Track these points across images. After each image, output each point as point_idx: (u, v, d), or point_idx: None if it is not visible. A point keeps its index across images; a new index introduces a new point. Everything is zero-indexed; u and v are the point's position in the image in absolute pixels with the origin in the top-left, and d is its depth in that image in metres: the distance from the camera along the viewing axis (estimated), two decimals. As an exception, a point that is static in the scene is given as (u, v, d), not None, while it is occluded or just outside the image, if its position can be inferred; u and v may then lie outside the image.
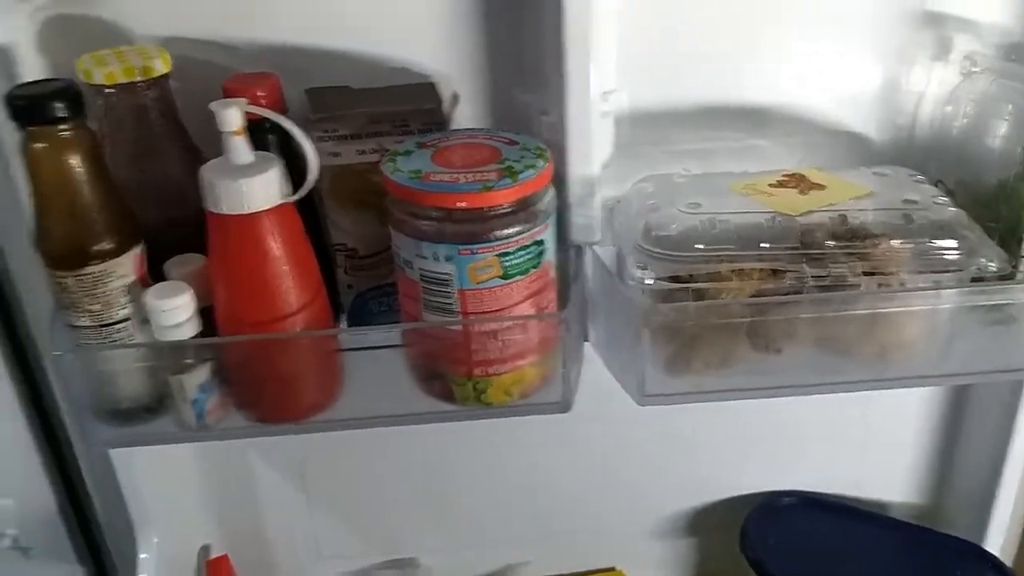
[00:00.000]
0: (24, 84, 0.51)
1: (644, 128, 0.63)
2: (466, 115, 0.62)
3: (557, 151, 0.57)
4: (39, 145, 0.49)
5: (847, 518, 0.84)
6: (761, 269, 0.57)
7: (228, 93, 0.55)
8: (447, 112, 0.58)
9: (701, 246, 0.55)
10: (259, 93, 0.55)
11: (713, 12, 0.61)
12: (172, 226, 0.58)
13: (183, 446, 0.73)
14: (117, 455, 0.66)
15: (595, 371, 0.62)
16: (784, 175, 0.62)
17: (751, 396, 0.62)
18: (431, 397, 0.58)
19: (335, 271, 0.62)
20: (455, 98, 0.58)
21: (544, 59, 0.57)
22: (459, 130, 0.58)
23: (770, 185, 0.61)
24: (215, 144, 0.58)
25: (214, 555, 0.77)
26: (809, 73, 0.64)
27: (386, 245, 0.61)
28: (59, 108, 0.49)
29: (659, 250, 0.55)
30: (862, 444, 0.84)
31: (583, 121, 0.56)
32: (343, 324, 0.63)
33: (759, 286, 0.57)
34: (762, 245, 0.55)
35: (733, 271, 0.56)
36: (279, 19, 0.59)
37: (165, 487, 0.72)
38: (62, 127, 0.49)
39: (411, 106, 0.58)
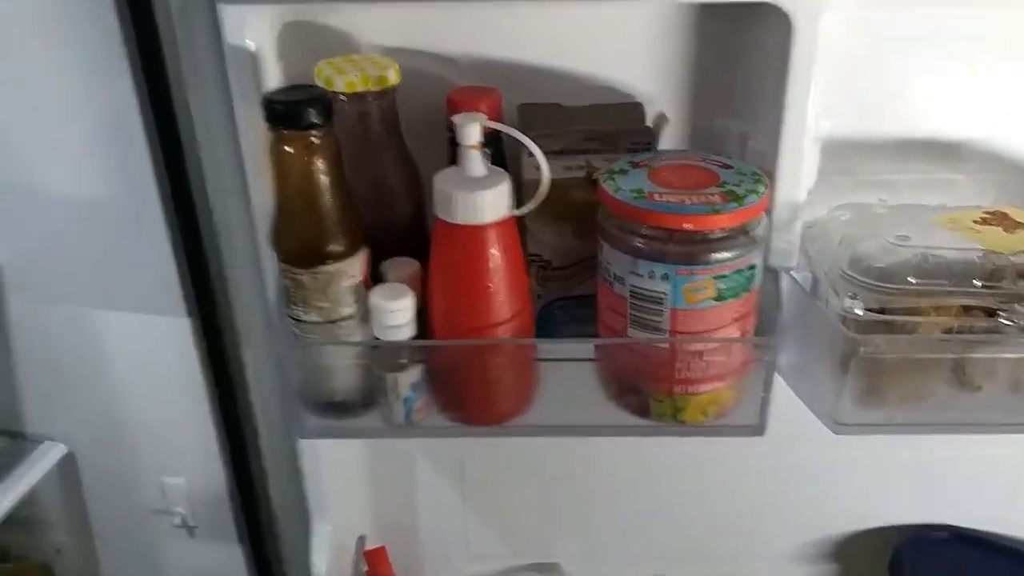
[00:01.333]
0: (278, 90, 0.53)
1: (838, 156, 0.64)
2: (663, 136, 0.63)
3: (766, 176, 0.57)
4: (290, 148, 0.52)
5: (999, 555, 0.82)
6: (962, 305, 0.57)
7: (454, 105, 0.57)
8: (657, 132, 0.59)
9: (913, 280, 0.55)
10: (483, 107, 0.57)
11: (920, 45, 0.61)
12: (383, 229, 0.60)
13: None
14: (304, 444, 0.69)
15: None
16: (986, 212, 0.62)
17: (941, 431, 0.62)
18: (625, 411, 0.60)
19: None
20: (664, 119, 0.59)
21: (756, 85, 0.58)
22: (669, 151, 0.59)
23: (974, 221, 0.60)
24: (425, 151, 0.61)
25: (370, 546, 0.80)
26: (1012, 109, 0.64)
27: (579, 258, 0.63)
28: (313, 115, 0.51)
29: (869, 281, 0.56)
30: (1014, 482, 0.82)
31: (796, 147, 0.57)
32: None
33: (957, 322, 0.57)
34: (975, 283, 0.55)
35: (932, 306, 0.57)
36: (497, 35, 0.61)
37: (339, 478, 0.75)
38: (313, 133, 0.52)
39: (623, 126, 0.59)
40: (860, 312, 0.56)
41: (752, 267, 0.55)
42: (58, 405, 0.77)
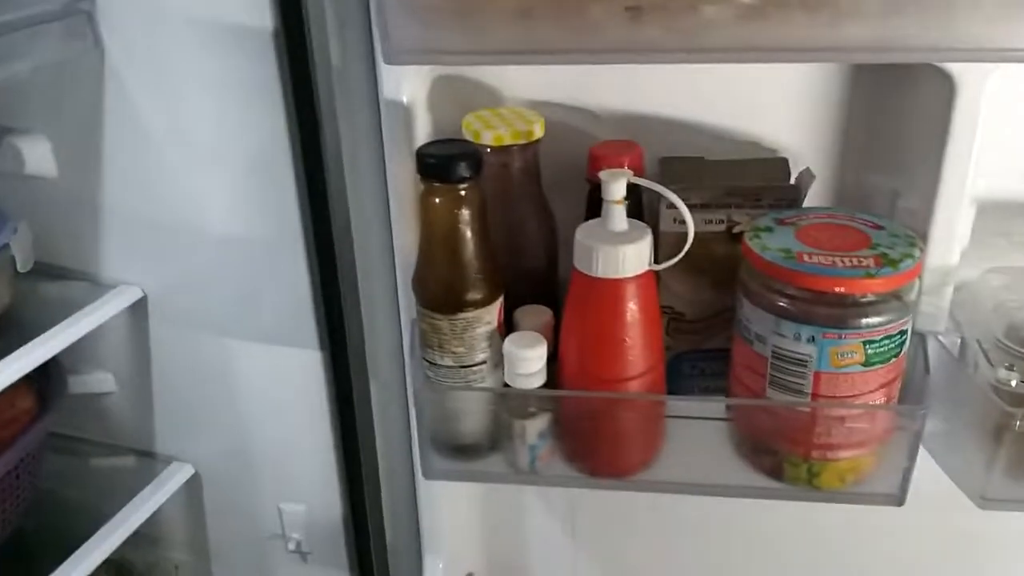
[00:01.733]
0: (433, 143, 0.55)
1: (994, 217, 0.61)
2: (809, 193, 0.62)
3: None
4: (439, 200, 0.54)
5: None
6: None
7: (595, 160, 0.58)
8: (803, 189, 0.58)
9: (1078, 353, 0.52)
10: (624, 162, 0.57)
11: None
12: (518, 277, 0.61)
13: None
14: (422, 481, 0.70)
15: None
16: None
17: (1096, 512, 0.58)
18: (757, 471, 0.58)
19: (657, 332, 0.63)
20: (810, 175, 0.58)
21: (909, 141, 0.57)
22: (816, 208, 0.58)
23: None
24: (563, 203, 0.61)
25: (478, 584, 0.80)
26: None
27: (713, 311, 0.62)
28: (463, 168, 0.53)
29: (1028, 352, 0.53)
30: None
31: (953, 209, 0.55)
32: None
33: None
34: None
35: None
36: (641, 87, 0.61)
37: (452, 514, 0.75)
38: (462, 186, 0.53)
39: (767, 180, 0.59)
40: (1015, 383, 0.53)
41: (903, 332, 0.53)
42: (189, 428, 0.81)
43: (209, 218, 0.66)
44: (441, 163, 0.53)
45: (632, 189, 0.57)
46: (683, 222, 0.60)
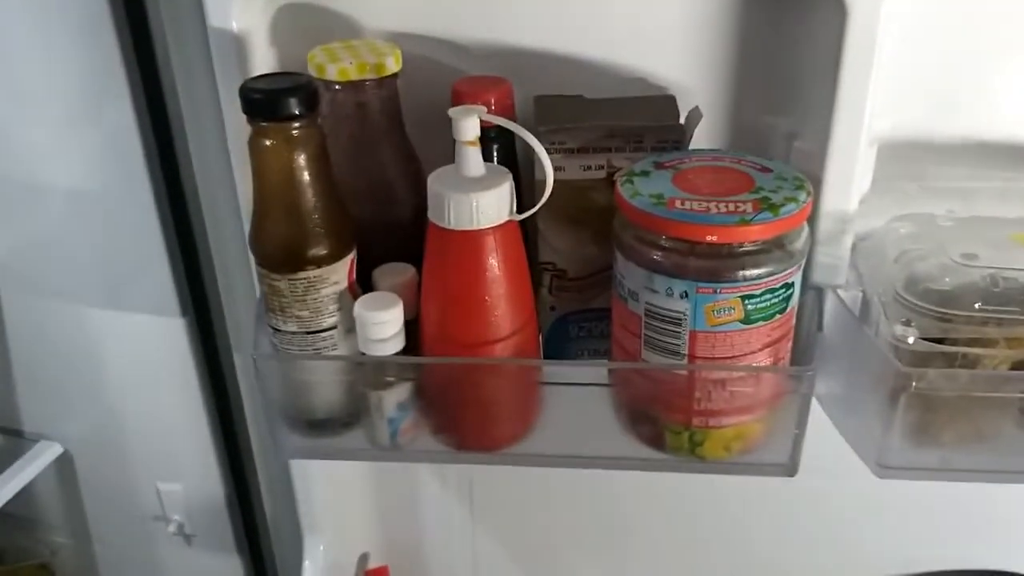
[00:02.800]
0: (259, 77, 0.48)
1: (901, 161, 0.56)
2: (699, 134, 0.56)
3: (811, 181, 0.50)
4: (269, 142, 0.47)
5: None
6: (1039, 336, 0.49)
7: (459, 96, 0.52)
8: (689, 129, 0.52)
9: (980, 306, 0.48)
10: (491, 99, 0.51)
11: (1003, 28, 0.53)
12: (379, 228, 0.55)
13: (357, 453, 0.71)
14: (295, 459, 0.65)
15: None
16: (1073, 227, 0.53)
17: (1004, 480, 0.54)
18: (638, 441, 0.53)
19: (538, 290, 0.58)
20: (698, 114, 0.53)
21: (804, 78, 0.51)
22: (701, 150, 0.52)
23: (1058, 238, 0.52)
24: (428, 146, 0.55)
25: (373, 565, 0.75)
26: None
27: (598, 268, 0.56)
28: (294, 104, 0.46)
29: (927, 306, 0.48)
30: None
31: (849, 149, 0.49)
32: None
33: (1030, 355, 0.49)
34: (1058, 311, 0.47)
35: (1005, 338, 0.49)
36: (514, 21, 0.55)
37: (335, 492, 0.70)
38: (296, 125, 0.47)
39: (649, 121, 0.53)
40: (912, 340, 0.48)
41: (788, 286, 0.48)
42: (55, 404, 0.75)
43: (46, 171, 0.60)
44: (268, 98, 0.46)
45: (504, 132, 0.51)
46: (562, 168, 0.54)
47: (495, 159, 0.54)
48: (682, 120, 0.54)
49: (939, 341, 0.50)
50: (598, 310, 0.57)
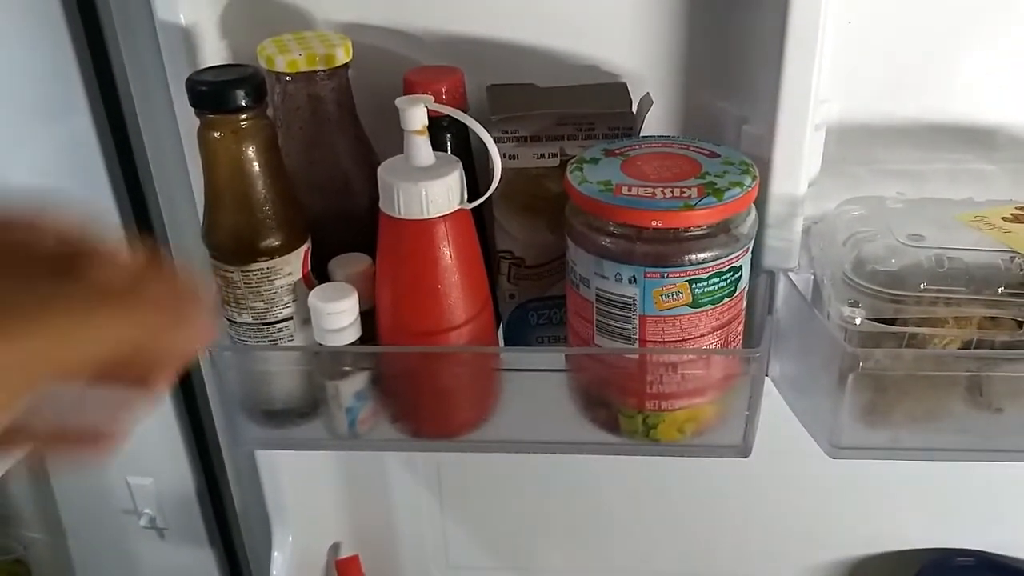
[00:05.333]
0: (206, 69, 0.49)
1: (851, 144, 0.56)
2: (652, 120, 0.57)
3: (760, 165, 0.50)
4: (217, 134, 0.47)
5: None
6: (985, 316, 0.50)
7: (409, 86, 0.52)
8: (640, 116, 0.53)
9: (925, 286, 0.48)
10: (442, 88, 0.52)
11: (950, 13, 0.53)
12: (336, 219, 0.55)
13: (324, 443, 0.72)
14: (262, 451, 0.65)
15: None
16: (1018, 208, 0.54)
17: (954, 458, 0.55)
18: (593, 426, 0.54)
19: (497, 278, 0.58)
20: (649, 101, 0.53)
21: (752, 62, 0.51)
22: (652, 137, 0.53)
23: (1003, 219, 0.52)
24: (384, 136, 0.55)
25: (344, 554, 0.76)
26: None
27: (555, 255, 0.57)
28: (241, 96, 0.46)
29: (873, 287, 0.49)
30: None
31: (796, 133, 0.50)
32: (500, 334, 0.59)
33: (979, 334, 0.50)
34: (1000, 290, 0.48)
35: (954, 317, 0.50)
36: (466, 10, 0.55)
37: (303, 483, 0.71)
38: (243, 116, 0.47)
39: (600, 108, 0.53)
40: (859, 321, 0.49)
41: (736, 269, 0.48)
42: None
43: (2, 169, 0.60)
44: (214, 90, 0.46)
45: (457, 121, 0.51)
46: (515, 156, 0.55)
47: (448, 148, 0.54)
48: (634, 107, 0.55)
49: (890, 322, 0.50)
50: (556, 297, 0.57)
